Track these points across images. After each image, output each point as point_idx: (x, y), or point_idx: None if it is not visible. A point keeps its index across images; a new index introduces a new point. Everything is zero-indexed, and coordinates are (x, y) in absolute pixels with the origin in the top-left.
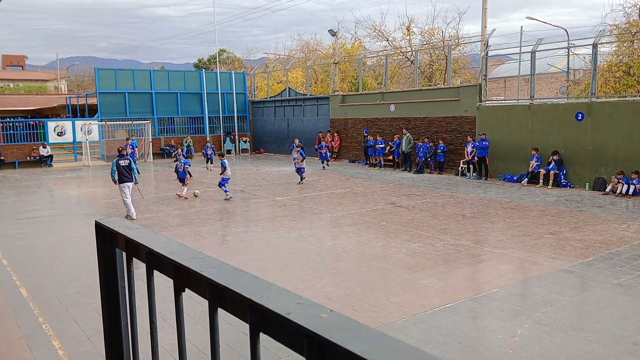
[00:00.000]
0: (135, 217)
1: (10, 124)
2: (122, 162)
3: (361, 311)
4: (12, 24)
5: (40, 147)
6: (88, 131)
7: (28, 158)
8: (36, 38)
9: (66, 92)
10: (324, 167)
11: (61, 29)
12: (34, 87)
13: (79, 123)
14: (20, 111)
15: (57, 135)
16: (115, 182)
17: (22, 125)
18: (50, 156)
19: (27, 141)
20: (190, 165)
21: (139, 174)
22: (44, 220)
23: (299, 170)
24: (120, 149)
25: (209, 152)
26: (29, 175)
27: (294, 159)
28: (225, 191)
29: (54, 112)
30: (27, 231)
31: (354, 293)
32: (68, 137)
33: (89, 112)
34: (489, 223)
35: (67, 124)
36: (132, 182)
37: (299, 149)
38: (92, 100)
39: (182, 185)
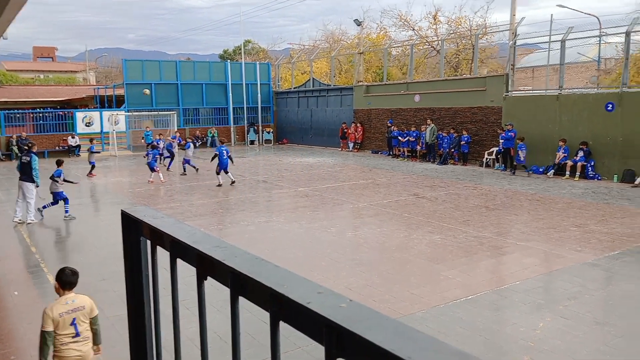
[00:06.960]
0: (17, 220)
1: (41, 115)
2: (24, 159)
3: (381, 302)
4: (43, 17)
5: (69, 137)
6: (115, 122)
7: (57, 148)
8: (66, 30)
9: (94, 83)
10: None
11: (90, 21)
12: (64, 79)
13: (106, 114)
14: (50, 102)
15: (85, 125)
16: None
17: (52, 115)
18: (78, 146)
19: (56, 131)
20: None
21: (38, 178)
22: (71, 209)
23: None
24: (30, 144)
25: (161, 145)
26: None
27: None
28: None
29: (83, 103)
30: (55, 220)
31: (375, 284)
32: (96, 128)
33: (117, 103)
34: (512, 215)
35: (94, 115)
36: (32, 182)
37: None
38: (120, 91)
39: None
